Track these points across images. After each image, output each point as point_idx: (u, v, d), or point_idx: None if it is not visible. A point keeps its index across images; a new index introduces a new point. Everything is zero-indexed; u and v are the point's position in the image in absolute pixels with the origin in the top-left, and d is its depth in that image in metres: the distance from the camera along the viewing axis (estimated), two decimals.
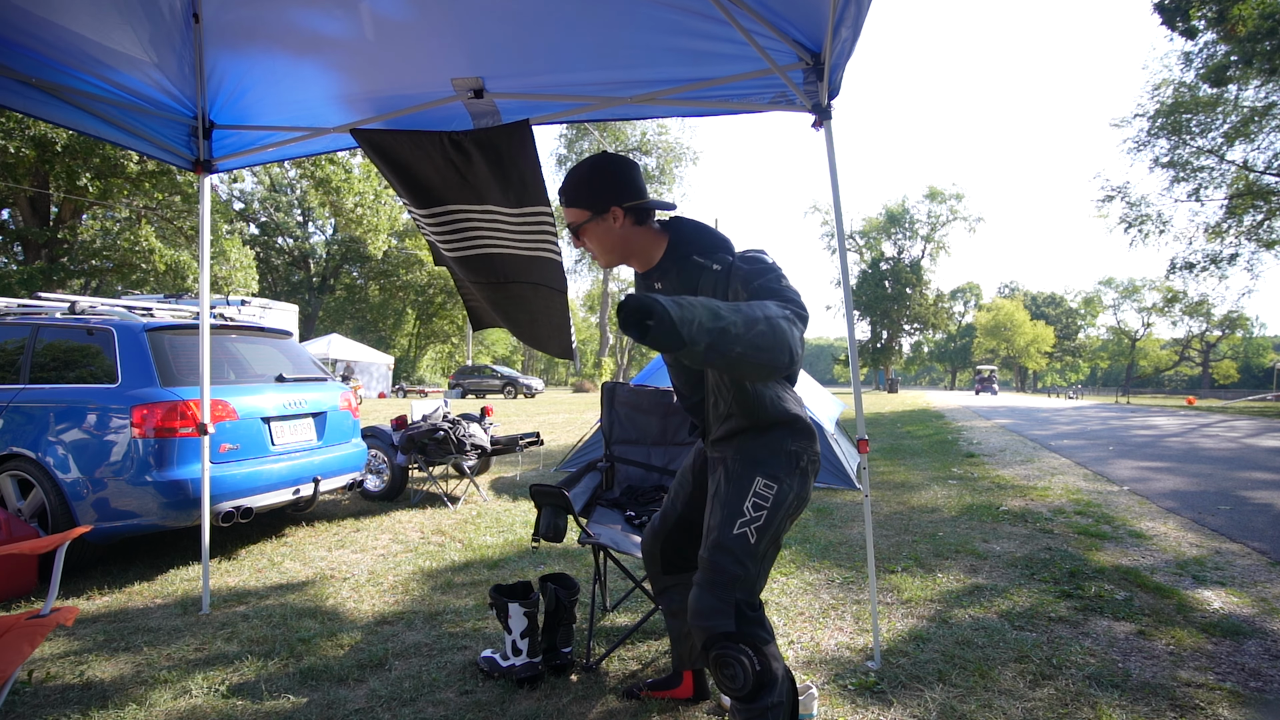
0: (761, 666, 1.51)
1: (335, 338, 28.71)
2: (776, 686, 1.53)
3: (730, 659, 1.50)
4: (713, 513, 1.64)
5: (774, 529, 1.60)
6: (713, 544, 1.59)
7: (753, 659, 1.50)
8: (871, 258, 58.55)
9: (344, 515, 5.23)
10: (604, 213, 1.64)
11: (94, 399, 3.70)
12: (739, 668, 1.50)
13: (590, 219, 1.65)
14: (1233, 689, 2.28)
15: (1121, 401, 32.17)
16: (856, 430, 2.55)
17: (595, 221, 1.65)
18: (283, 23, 2.49)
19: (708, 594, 1.56)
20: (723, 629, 1.52)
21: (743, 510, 1.58)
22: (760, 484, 1.60)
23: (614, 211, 1.64)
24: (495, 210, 2.84)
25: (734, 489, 1.61)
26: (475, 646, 2.67)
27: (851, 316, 2.57)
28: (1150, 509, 5.19)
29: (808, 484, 1.68)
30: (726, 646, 1.51)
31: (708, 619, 1.54)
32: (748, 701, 1.51)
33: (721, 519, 1.60)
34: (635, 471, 3.20)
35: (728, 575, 1.55)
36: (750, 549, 1.57)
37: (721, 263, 1.62)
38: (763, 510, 1.59)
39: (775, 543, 1.64)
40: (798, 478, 1.64)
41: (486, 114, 2.81)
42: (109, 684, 2.40)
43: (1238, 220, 22.96)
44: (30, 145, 15.93)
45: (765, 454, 1.63)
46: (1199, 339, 61.95)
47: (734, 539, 1.57)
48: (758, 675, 1.50)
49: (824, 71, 2.38)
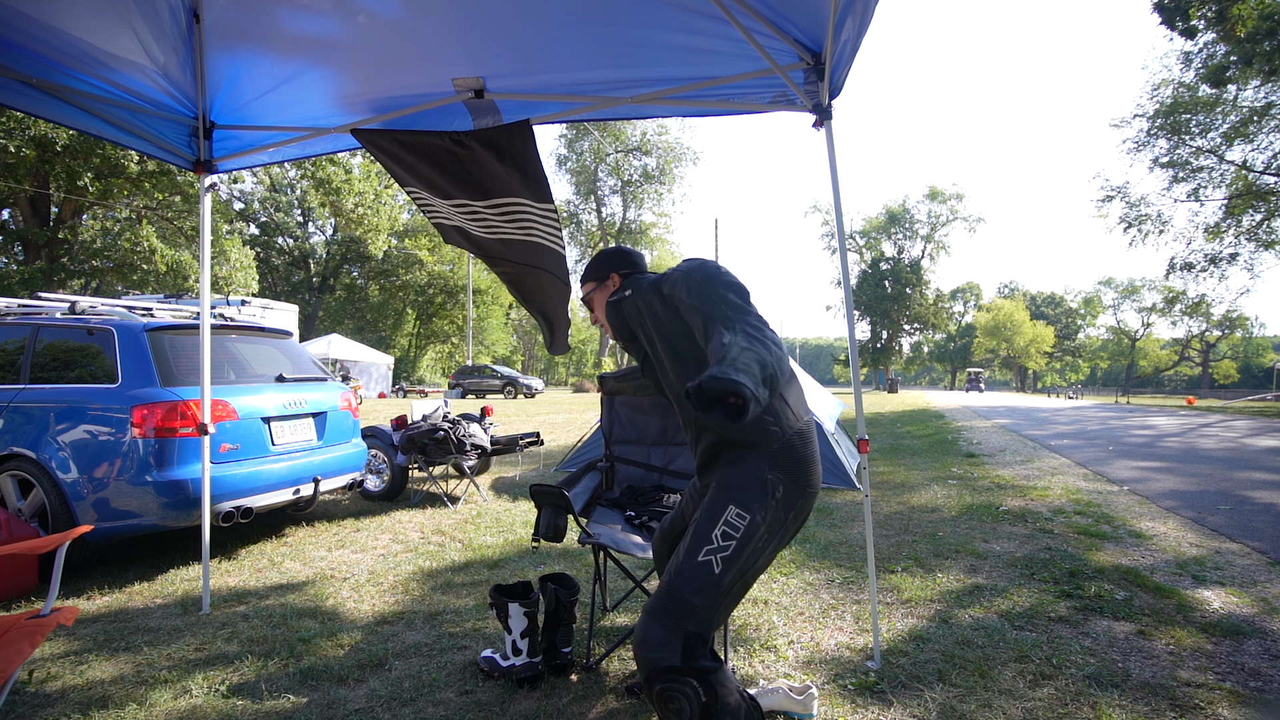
0: (708, 698, 1.44)
1: (335, 338, 28.69)
2: (728, 716, 1.45)
3: (675, 693, 1.43)
4: (683, 538, 1.59)
5: (741, 562, 1.52)
6: (674, 569, 1.54)
7: (698, 691, 1.43)
8: (872, 258, 58.57)
9: (344, 515, 5.23)
10: (605, 280, 1.96)
11: (94, 399, 3.70)
12: (684, 701, 1.43)
13: (595, 289, 1.97)
14: (1232, 689, 2.28)
15: (1121, 401, 32.17)
16: (856, 430, 2.55)
17: (599, 290, 1.97)
18: (284, 24, 2.50)
19: (656, 623, 1.49)
20: (667, 663, 1.44)
21: (710, 538, 1.52)
22: (733, 513, 1.53)
23: (613, 277, 1.96)
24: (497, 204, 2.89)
25: (706, 515, 1.56)
26: (475, 646, 2.67)
27: (851, 316, 2.57)
28: (1150, 509, 5.19)
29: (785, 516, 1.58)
30: (670, 680, 1.44)
31: (653, 650, 1.46)
32: None
33: (688, 545, 1.54)
34: (635, 471, 3.20)
35: (683, 605, 1.48)
36: (713, 579, 1.50)
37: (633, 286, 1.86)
38: (731, 540, 1.51)
39: (743, 578, 1.55)
40: (771, 509, 1.55)
41: (487, 114, 2.82)
42: (109, 684, 2.40)
43: (1237, 220, 22.96)
44: (31, 145, 15.92)
45: (740, 483, 1.57)
46: (1199, 339, 61.94)
47: (697, 566, 1.50)
48: (704, 708, 1.43)
49: (824, 71, 2.38)
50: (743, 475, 1.58)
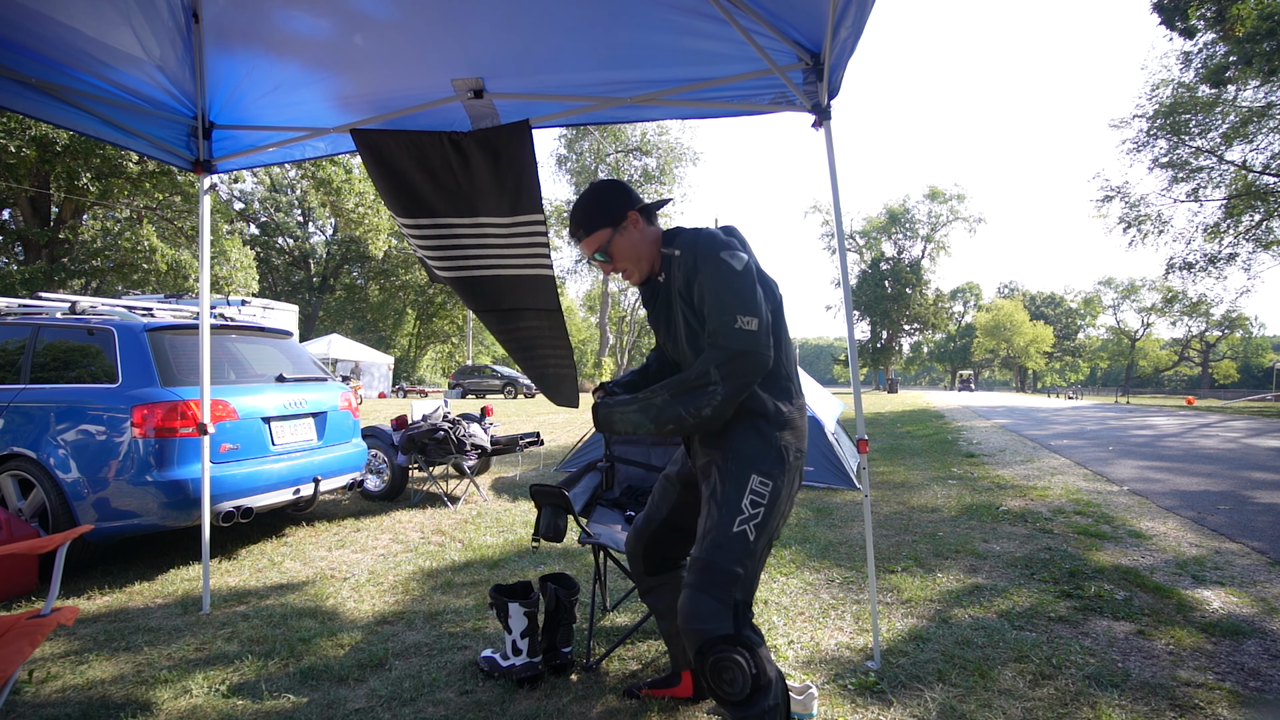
0: (757, 670, 1.49)
1: (335, 338, 28.68)
2: (772, 689, 1.52)
3: (728, 662, 1.48)
4: (708, 514, 1.63)
5: (771, 526, 1.61)
6: (711, 544, 1.58)
7: (749, 661, 1.49)
8: (872, 258, 58.56)
9: (344, 515, 5.23)
10: (623, 220, 1.76)
11: (94, 399, 3.70)
12: (737, 671, 1.48)
13: (614, 234, 1.75)
14: (1232, 689, 2.28)
15: (1121, 401, 32.16)
16: (856, 430, 2.55)
17: (620, 234, 1.76)
18: (283, 24, 2.50)
19: (705, 596, 1.54)
20: (721, 632, 1.50)
21: (741, 507, 1.58)
22: (756, 481, 1.60)
23: (631, 216, 1.76)
24: (485, 223, 2.83)
25: (731, 487, 1.61)
26: (475, 646, 2.67)
27: (851, 317, 2.57)
28: (1150, 509, 5.19)
29: (795, 481, 1.70)
30: (724, 650, 1.49)
31: (705, 622, 1.52)
32: (744, 707, 1.49)
33: (719, 518, 1.59)
34: (635, 471, 3.20)
35: (726, 575, 1.54)
36: (749, 547, 1.57)
37: (681, 247, 1.71)
38: (760, 507, 1.59)
39: (770, 543, 1.64)
40: (787, 474, 1.66)
41: (486, 115, 2.81)
42: (109, 684, 2.40)
43: (1236, 221, 22.93)
44: (31, 145, 15.92)
45: (756, 451, 1.64)
46: (1198, 339, 61.93)
47: (733, 538, 1.56)
48: (754, 679, 1.48)
49: (823, 71, 2.38)
50: (758, 444, 1.65)
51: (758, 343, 1.59)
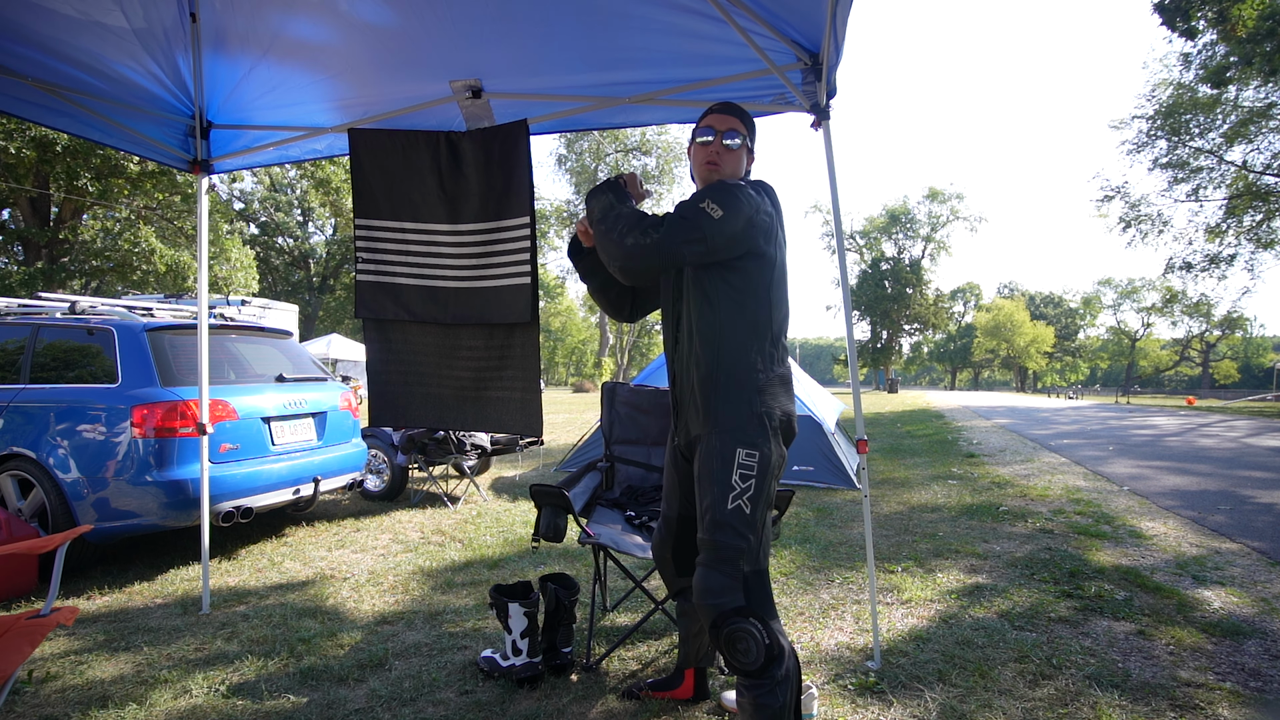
0: (770, 640, 1.54)
1: (335, 338, 28.63)
2: (784, 659, 1.57)
3: (742, 633, 1.54)
4: (703, 494, 1.67)
5: (765, 495, 1.65)
6: (710, 523, 1.62)
7: (762, 632, 1.54)
8: (872, 258, 58.53)
9: (344, 515, 5.23)
10: (752, 144, 1.93)
11: (94, 399, 3.70)
12: (751, 641, 1.53)
13: (743, 140, 1.88)
14: (1232, 689, 2.28)
15: (1121, 401, 32.15)
16: (856, 430, 2.55)
17: (745, 146, 1.89)
18: (281, 24, 2.50)
19: (715, 572, 1.59)
20: (733, 605, 1.56)
21: (732, 484, 1.62)
22: (742, 455, 1.64)
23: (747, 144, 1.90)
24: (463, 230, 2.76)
25: (719, 464, 1.64)
26: (475, 646, 2.67)
27: (851, 317, 2.57)
28: (1150, 508, 5.19)
29: (783, 444, 1.73)
30: (736, 621, 1.54)
31: (718, 596, 1.57)
32: (758, 676, 1.54)
33: (714, 497, 1.63)
34: (635, 471, 3.20)
35: (732, 550, 1.59)
36: (747, 519, 1.61)
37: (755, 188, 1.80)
38: (750, 479, 1.62)
39: (769, 505, 1.68)
40: (773, 440, 1.68)
41: (482, 117, 2.81)
42: (109, 684, 2.40)
43: (1237, 220, 22.93)
44: (31, 146, 15.92)
45: (737, 423, 1.66)
46: (1199, 339, 61.87)
47: (730, 514, 1.60)
48: (768, 649, 1.53)
49: (822, 71, 2.39)
50: (738, 413, 1.67)
51: (712, 225, 1.63)
